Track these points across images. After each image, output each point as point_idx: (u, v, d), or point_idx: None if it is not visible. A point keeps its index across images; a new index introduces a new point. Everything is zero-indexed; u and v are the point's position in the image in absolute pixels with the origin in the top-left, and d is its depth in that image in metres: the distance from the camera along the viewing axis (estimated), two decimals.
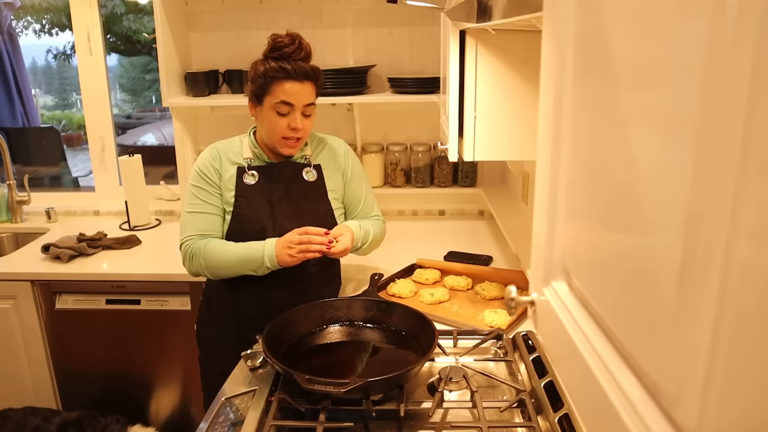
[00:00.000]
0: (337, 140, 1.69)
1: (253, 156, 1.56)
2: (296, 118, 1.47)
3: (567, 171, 0.60)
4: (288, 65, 1.43)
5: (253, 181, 1.54)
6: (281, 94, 1.45)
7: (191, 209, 1.54)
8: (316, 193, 1.59)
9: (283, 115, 1.47)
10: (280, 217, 1.54)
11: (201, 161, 1.56)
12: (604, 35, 0.49)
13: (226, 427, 1.11)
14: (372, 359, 1.34)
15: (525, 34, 1.39)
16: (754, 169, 0.29)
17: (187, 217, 1.54)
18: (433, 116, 2.50)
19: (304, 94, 1.46)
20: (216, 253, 1.49)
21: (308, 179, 1.58)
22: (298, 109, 1.47)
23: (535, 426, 1.08)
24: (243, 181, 1.54)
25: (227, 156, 1.56)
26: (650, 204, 0.41)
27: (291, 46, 1.43)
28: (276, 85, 1.44)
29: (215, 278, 1.55)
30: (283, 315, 1.35)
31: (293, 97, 1.45)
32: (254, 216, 1.53)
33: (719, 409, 0.33)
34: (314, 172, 1.60)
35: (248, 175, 1.54)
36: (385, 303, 1.45)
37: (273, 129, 1.48)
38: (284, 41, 1.44)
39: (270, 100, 1.46)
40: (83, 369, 2.16)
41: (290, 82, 1.44)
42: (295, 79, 1.44)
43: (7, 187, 2.57)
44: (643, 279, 0.42)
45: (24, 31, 4.82)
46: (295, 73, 1.44)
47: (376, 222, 1.71)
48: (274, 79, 1.44)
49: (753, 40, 0.28)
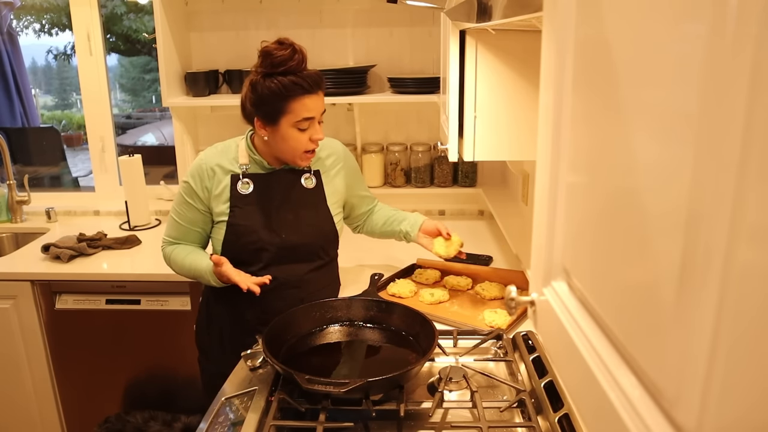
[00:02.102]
0: (334, 141, 1.66)
1: (250, 162, 1.52)
2: (317, 130, 1.44)
3: (567, 171, 0.60)
4: (302, 80, 1.38)
5: (247, 190, 1.50)
6: (303, 111, 1.39)
7: (173, 214, 1.57)
8: (315, 200, 1.56)
9: (304, 130, 1.42)
10: (277, 226, 1.52)
11: (194, 172, 1.52)
12: (605, 36, 0.49)
13: (226, 427, 1.11)
14: (372, 359, 1.34)
15: (525, 34, 1.39)
16: (753, 170, 0.29)
17: (169, 219, 1.59)
18: (433, 116, 2.50)
19: (321, 104, 1.44)
20: (175, 264, 1.58)
21: (307, 186, 1.56)
22: (317, 120, 1.44)
23: (535, 426, 1.08)
24: (237, 189, 1.50)
25: (221, 165, 1.51)
26: (650, 204, 0.41)
27: (293, 58, 1.37)
28: (294, 102, 1.38)
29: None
30: (283, 315, 1.35)
31: (314, 110, 1.41)
32: (250, 226, 1.50)
33: (719, 409, 0.33)
34: (313, 178, 1.56)
35: (243, 183, 1.50)
36: (385, 303, 1.45)
37: (296, 146, 1.44)
38: (285, 55, 1.36)
39: (290, 119, 1.40)
40: (83, 369, 2.16)
41: (308, 96, 1.39)
42: (311, 92, 1.39)
43: (7, 187, 2.57)
44: (643, 279, 0.42)
45: (24, 31, 4.82)
46: (310, 86, 1.39)
47: (387, 207, 1.80)
48: (290, 97, 1.38)
49: (753, 41, 0.28)
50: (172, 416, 1.97)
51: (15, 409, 2.21)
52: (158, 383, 2.18)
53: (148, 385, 2.18)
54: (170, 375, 2.16)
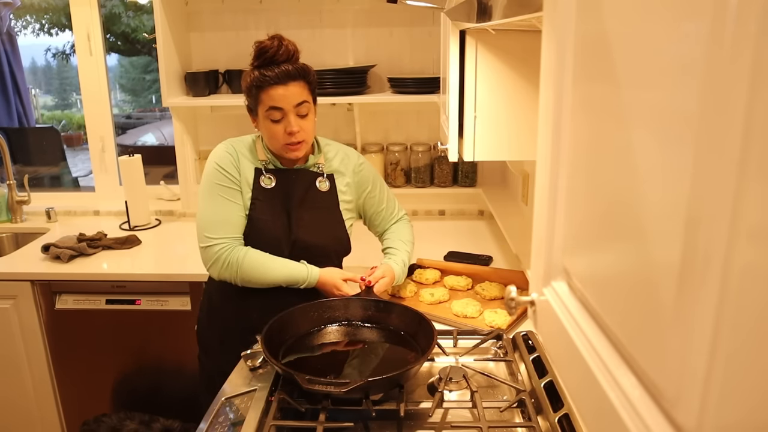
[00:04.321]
0: (351, 150, 1.66)
1: (267, 159, 1.54)
2: (290, 122, 1.44)
3: (567, 171, 0.60)
4: (268, 71, 1.41)
5: (270, 184, 1.52)
6: (268, 100, 1.43)
7: (216, 208, 1.48)
8: (329, 204, 1.58)
9: (277, 121, 1.45)
10: (296, 227, 1.52)
11: (220, 158, 1.51)
12: (604, 36, 0.49)
13: (226, 427, 1.11)
14: (371, 359, 1.34)
15: (525, 34, 1.39)
16: (753, 171, 0.29)
17: (212, 217, 1.48)
18: (433, 116, 2.50)
19: (290, 96, 1.43)
20: (256, 270, 1.48)
21: (321, 189, 1.56)
22: (290, 112, 1.44)
23: (535, 426, 1.08)
24: (260, 183, 1.52)
25: (244, 155, 1.53)
26: (650, 204, 0.41)
27: (272, 49, 1.41)
28: (263, 93, 1.43)
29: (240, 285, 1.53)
30: (281, 315, 1.35)
31: (280, 101, 1.43)
32: (270, 222, 1.51)
33: (719, 409, 0.33)
34: (327, 182, 1.57)
35: (265, 177, 1.52)
36: (383, 302, 1.45)
37: (272, 137, 1.47)
38: (265, 44, 1.41)
39: (261, 110, 1.45)
40: (83, 369, 2.16)
41: (274, 88, 1.42)
42: (279, 83, 1.42)
43: (7, 187, 2.57)
44: (643, 279, 0.42)
45: (23, 30, 4.82)
46: (277, 77, 1.41)
47: (407, 232, 1.72)
48: (260, 88, 1.42)
49: (752, 41, 0.28)
50: (149, 417, 1.97)
51: (15, 409, 2.21)
52: (158, 383, 2.18)
53: (148, 385, 2.18)
54: (170, 375, 2.16)
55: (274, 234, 1.52)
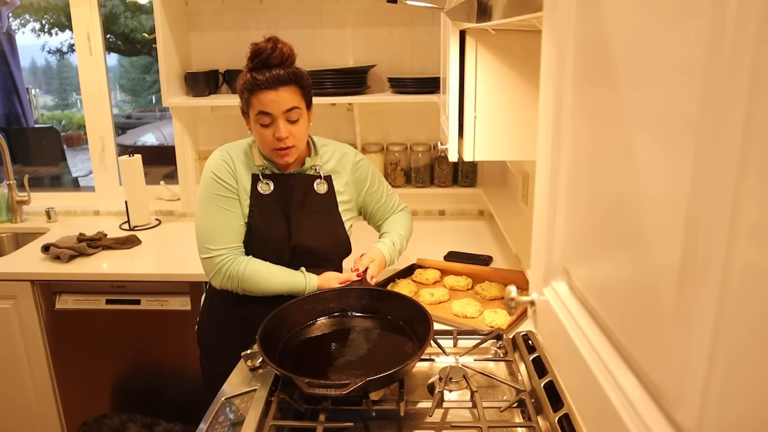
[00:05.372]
0: (348, 147, 1.65)
1: (263, 164, 1.53)
2: (279, 127, 1.42)
3: (567, 172, 0.60)
4: (260, 75, 1.39)
5: (267, 190, 1.51)
6: (258, 105, 1.42)
7: (215, 218, 1.48)
8: (328, 206, 1.57)
9: (266, 126, 1.43)
10: (295, 232, 1.52)
11: (216, 166, 1.50)
12: (605, 36, 0.49)
13: (226, 427, 1.11)
14: (368, 349, 1.33)
15: (525, 34, 1.39)
16: (753, 171, 0.29)
17: (212, 227, 1.48)
18: (433, 116, 2.50)
19: (280, 102, 1.41)
20: (257, 283, 1.48)
21: (319, 191, 1.55)
22: (280, 118, 1.42)
23: (535, 426, 1.08)
24: (257, 189, 1.51)
25: (240, 160, 1.52)
26: (650, 204, 0.41)
27: (266, 51, 1.39)
28: (253, 97, 1.41)
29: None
30: (276, 312, 1.34)
31: (269, 106, 1.41)
32: (269, 228, 1.51)
33: (719, 409, 0.33)
34: (325, 184, 1.56)
35: (263, 183, 1.51)
36: (377, 291, 1.45)
37: (262, 141, 1.46)
38: (260, 46, 1.39)
39: (252, 113, 1.44)
40: (83, 369, 2.16)
41: (264, 92, 1.40)
42: (269, 88, 1.40)
43: (7, 187, 2.57)
44: (643, 279, 0.42)
45: (22, 29, 4.81)
46: (267, 82, 1.39)
47: (403, 219, 1.73)
48: (251, 91, 1.41)
49: (752, 42, 0.28)
50: (151, 419, 1.96)
51: (15, 409, 2.21)
52: (158, 383, 2.18)
53: (148, 386, 2.18)
54: (171, 375, 2.16)
55: (274, 240, 1.51)
